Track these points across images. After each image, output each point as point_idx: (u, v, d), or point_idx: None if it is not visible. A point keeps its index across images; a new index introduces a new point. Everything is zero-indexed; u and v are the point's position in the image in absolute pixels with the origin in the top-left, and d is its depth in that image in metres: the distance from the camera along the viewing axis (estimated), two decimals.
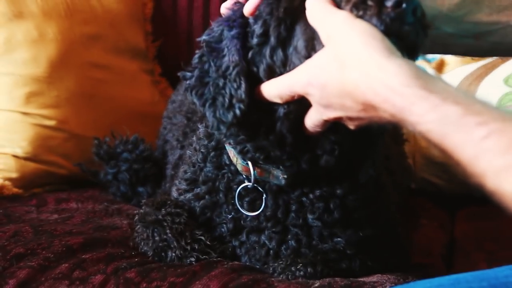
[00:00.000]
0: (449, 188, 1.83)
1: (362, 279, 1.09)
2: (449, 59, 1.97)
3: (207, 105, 1.06)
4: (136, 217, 1.24)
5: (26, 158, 1.77)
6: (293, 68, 0.99)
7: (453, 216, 1.74)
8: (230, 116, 1.03)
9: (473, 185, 0.79)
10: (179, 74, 1.12)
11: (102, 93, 1.93)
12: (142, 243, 1.21)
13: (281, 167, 1.10)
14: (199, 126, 1.26)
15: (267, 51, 1.02)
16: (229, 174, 1.17)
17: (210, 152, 1.19)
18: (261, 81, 1.04)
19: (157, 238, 1.17)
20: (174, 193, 1.26)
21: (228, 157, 1.17)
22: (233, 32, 1.04)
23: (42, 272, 1.12)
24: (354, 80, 0.87)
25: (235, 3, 1.08)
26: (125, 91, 1.99)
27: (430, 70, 1.89)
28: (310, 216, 1.12)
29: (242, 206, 1.15)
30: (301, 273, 1.09)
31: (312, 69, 0.95)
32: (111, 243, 1.24)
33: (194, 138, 1.26)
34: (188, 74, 1.10)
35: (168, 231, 1.16)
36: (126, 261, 1.15)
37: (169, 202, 1.22)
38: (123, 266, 1.12)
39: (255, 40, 1.03)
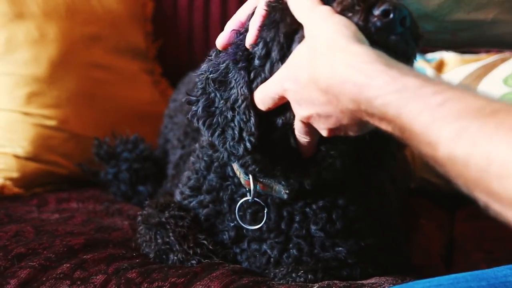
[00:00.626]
0: (449, 187, 1.81)
1: (360, 282, 1.09)
2: (449, 59, 1.97)
3: (215, 135, 1.05)
4: (139, 218, 1.24)
5: (26, 158, 1.77)
6: None
7: (452, 216, 1.74)
8: (241, 149, 1.03)
9: (425, 157, 0.77)
10: (183, 100, 1.12)
11: (103, 93, 1.93)
12: (144, 245, 1.20)
13: (282, 182, 1.10)
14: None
15: (267, 67, 1.01)
16: (232, 186, 1.16)
17: (214, 162, 1.18)
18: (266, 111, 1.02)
19: (159, 240, 1.17)
20: (178, 196, 1.25)
21: (232, 169, 1.17)
22: (240, 65, 1.03)
23: (43, 272, 1.12)
24: (320, 66, 0.87)
25: (233, 32, 1.07)
26: (126, 91, 1.99)
27: (429, 70, 1.89)
28: (313, 227, 1.12)
29: (244, 218, 1.15)
30: (302, 279, 1.09)
31: (289, 64, 0.94)
32: (112, 243, 1.24)
33: (197, 145, 1.26)
34: (193, 99, 1.09)
35: (171, 234, 1.16)
36: (128, 262, 1.15)
37: (172, 204, 1.22)
38: (124, 266, 1.12)
39: (257, 62, 1.02)
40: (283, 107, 0.99)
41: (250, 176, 1.12)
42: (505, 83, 1.72)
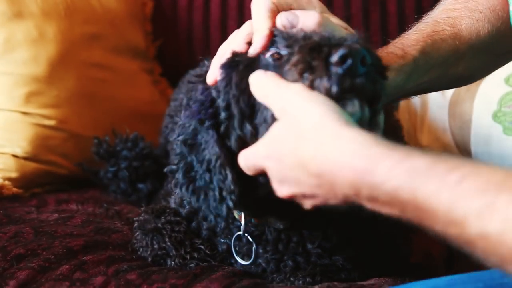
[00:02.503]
0: None
1: (360, 283, 1.09)
2: None
3: (201, 200, 1.03)
4: (135, 224, 1.23)
5: (26, 158, 1.77)
6: None
7: None
8: (224, 209, 1.01)
9: (446, 238, 0.75)
10: (165, 170, 1.10)
11: (102, 93, 1.93)
12: (141, 250, 1.20)
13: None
14: None
15: (235, 123, 0.99)
16: (227, 222, 1.14)
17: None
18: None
19: (156, 246, 1.17)
20: (173, 204, 1.25)
21: None
22: (207, 124, 1.01)
23: (42, 273, 1.12)
24: (309, 152, 0.84)
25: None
26: (125, 91, 1.99)
27: None
28: (309, 245, 1.11)
29: (238, 251, 1.14)
30: (300, 282, 1.09)
31: (269, 142, 0.91)
32: (112, 245, 1.24)
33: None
34: (174, 167, 1.07)
35: (167, 239, 1.15)
36: (127, 264, 1.15)
37: (168, 210, 1.21)
38: (124, 268, 1.12)
39: (223, 115, 0.99)
40: None
41: (242, 213, 1.11)
42: (507, 83, 1.72)
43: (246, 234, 1.11)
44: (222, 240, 1.16)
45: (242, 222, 1.11)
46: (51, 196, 1.68)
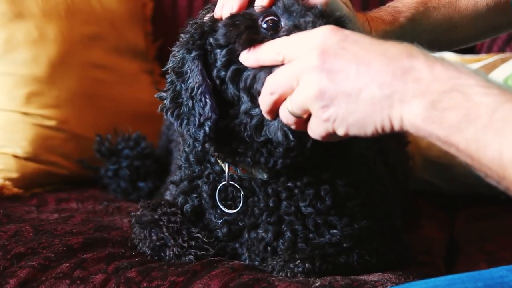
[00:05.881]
0: (449, 188, 1.83)
1: (363, 278, 1.08)
2: (449, 59, 1.97)
3: (183, 125, 1.10)
4: (133, 219, 1.25)
5: (26, 158, 1.77)
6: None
7: (452, 217, 1.74)
8: (201, 134, 1.08)
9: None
10: (155, 95, 1.16)
11: (103, 93, 1.93)
12: (140, 244, 1.21)
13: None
14: None
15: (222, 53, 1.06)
16: (213, 174, 1.18)
17: (192, 152, 1.21)
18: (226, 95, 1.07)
19: (154, 237, 1.18)
20: (168, 196, 1.28)
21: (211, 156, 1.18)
22: (193, 54, 1.08)
23: (42, 271, 1.12)
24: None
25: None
26: (125, 91, 2.00)
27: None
28: (302, 204, 1.13)
29: (226, 203, 1.16)
30: (300, 269, 1.09)
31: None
32: (111, 243, 1.24)
33: (180, 139, 1.28)
34: (164, 94, 1.13)
35: (164, 229, 1.17)
36: (127, 261, 1.15)
37: (163, 202, 1.23)
38: (123, 265, 1.12)
39: (219, 63, 1.06)
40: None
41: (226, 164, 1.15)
42: (506, 83, 1.72)
43: (232, 183, 1.15)
44: (213, 222, 1.18)
45: (226, 169, 1.14)
46: (51, 195, 1.69)
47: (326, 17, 1.01)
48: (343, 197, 1.14)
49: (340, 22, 1.02)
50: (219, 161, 1.16)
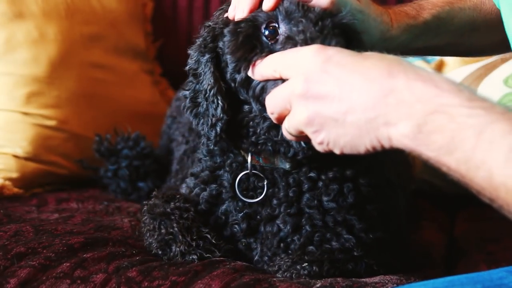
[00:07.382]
0: (449, 189, 1.83)
1: (364, 280, 1.08)
2: (449, 59, 1.97)
3: (200, 123, 1.15)
4: (145, 208, 1.25)
5: (26, 158, 1.77)
6: None
7: (453, 217, 1.74)
8: (213, 134, 1.12)
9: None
10: (180, 94, 1.21)
11: (103, 93, 1.93)
12: (148, 234, 1.21)
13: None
14: None
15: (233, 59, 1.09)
16: (235, 164, 1.19)
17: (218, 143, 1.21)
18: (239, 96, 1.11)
19: (163, 230, 1.17)
20: (183, 189, 1.27)
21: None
22: (206, 57, 1.12)
23: (43, 271, 1.12)
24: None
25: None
26: (126, 91, 2.00)
27: (429, 70, 1.89)
28: (325, 198, 1.13)
29: (247, 193, 1.17)
30: (305, 271, 1.09)
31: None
32: (112, 242, 1.24)
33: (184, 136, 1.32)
34: (186, 93, 1.17)
35: (175, 224, 1.17)
36: (128, 260, 1.14)
37: (178, 196, 1.23)
38: (124, 265, 1.12)
39: (230, 67, 1.09)
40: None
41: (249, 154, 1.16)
42: (506, 84, 1.72)
43: (255, 171, 1.16)
44: (234, 216, 1.18)
45: (249, 160, 1.16)
46: (51, 195, 1.69)
47: (325, 19, 1.01)
48: (365, 197, 1.14)
49: (339, 24, 1.02)
50: (242, 152, 1.17)
